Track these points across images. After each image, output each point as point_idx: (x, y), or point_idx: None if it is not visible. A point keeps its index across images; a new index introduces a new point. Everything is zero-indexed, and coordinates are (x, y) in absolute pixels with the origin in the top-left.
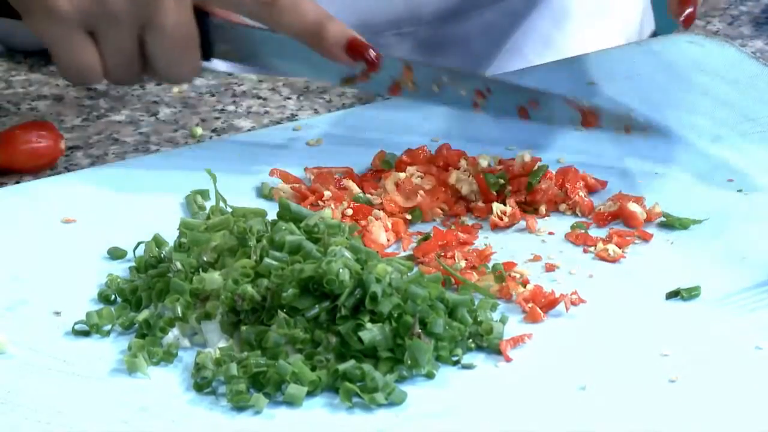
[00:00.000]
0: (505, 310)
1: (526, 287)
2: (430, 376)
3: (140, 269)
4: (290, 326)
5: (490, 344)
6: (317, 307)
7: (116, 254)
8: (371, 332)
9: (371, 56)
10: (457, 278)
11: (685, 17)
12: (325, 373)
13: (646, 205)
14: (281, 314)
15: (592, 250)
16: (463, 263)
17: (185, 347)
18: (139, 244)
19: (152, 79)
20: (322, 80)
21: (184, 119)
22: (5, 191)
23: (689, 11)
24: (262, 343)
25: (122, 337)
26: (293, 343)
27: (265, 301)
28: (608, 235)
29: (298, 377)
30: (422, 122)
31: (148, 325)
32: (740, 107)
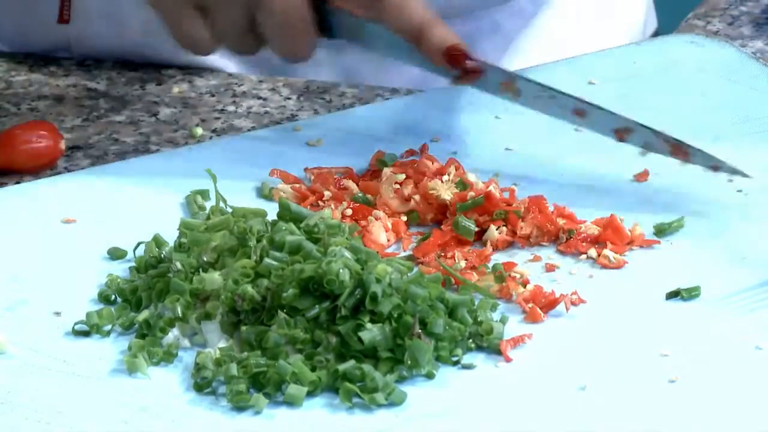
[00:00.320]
0: (505, 310)
1: (526, 287)
2: (430, 376)
3: (140, 269)
4: (290, 326)
5: (490, 344)
6: (317, 307)
7: (116, 254)
8: (371, 332)
9: (469, 66)
10: (457, 278)
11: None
12: (325, 373)
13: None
14: (281, 314)
15: (584, 258)
16: (463, 263)
17: (185, 347)
18: (139, 244)
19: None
20: (437, 75)
21: (184, 119)
22: (5, 191)
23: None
24: (262, 343)
25: (122, 337)
26: (293, 343)
27: (265, 301)
28: (600, 242)
29: (298, 377)
30: (422, 122)
31: (148, 325)
32: (740, 107)
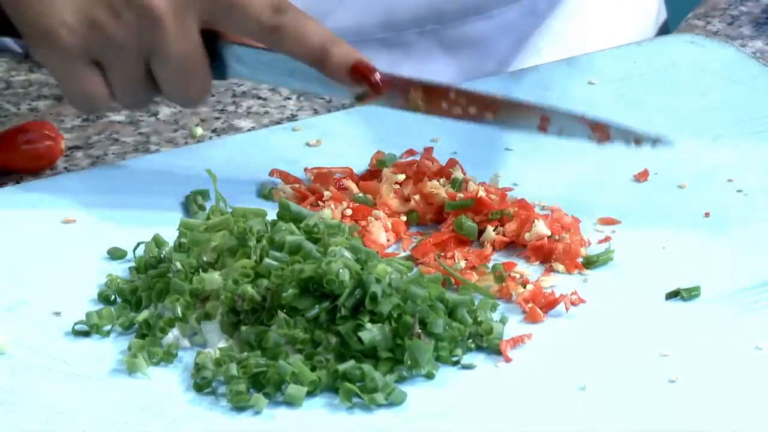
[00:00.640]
0: (505, 310)
1: (525, 287)
2: (430, 376)
3: (140, 269)
4: (290, 326)
5: (490, 344)
6: (317, 307)
7: (116, 254)
8: (371, 332)
9: (375, 79)
10: (457, 278)
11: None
12: (325, 373)
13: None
14: (281, 314)
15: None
16: (463, 263)
17: (185, 347)
18: (139, 244)
19: (165, 100)
20: (337, 98)
21: (184, 119)
22: (5, 191)
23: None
24: (262, 343)
25: (122, 337)
26: (293, 343)
27: (265, 301)
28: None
29: (298, 377)
30: (422, 122)
31: (148, 325)
32: (740, 107)
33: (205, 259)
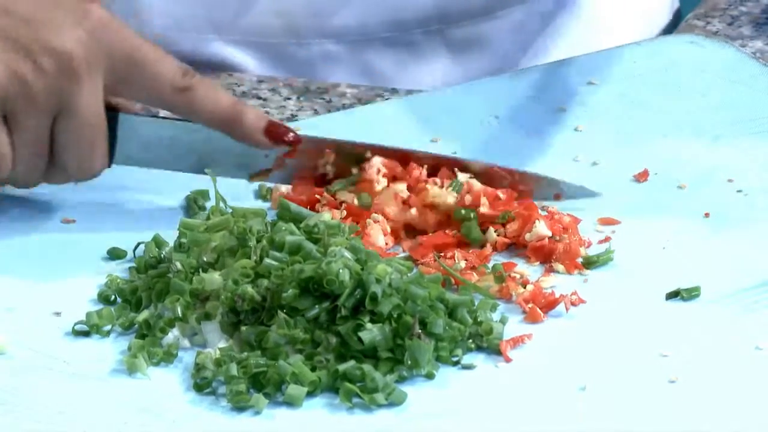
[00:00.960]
0: (505, 310)
1: (526, 287)
2: (430, 376)
3: (140, 269)
4: (290, 326)
5: (490, 344)
6: (317, 307)
7: (116, 254)
8: (371, 332)
9: (290, 138)
10: (457, 278)
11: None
12: (325, 373)
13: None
14: (281, 314)
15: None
16: (463, 263)
17: (185, 347)
18: (139, 244)
19: (53, 178)
20: (232, 176)
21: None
22: (5, 191)
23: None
24: (262, 343)
25: (122, 337)
26: (293, 343)
27: (265, 301)
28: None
29: (298, 377)
30: (422, 122)
31: (148, 325)
32: (740, 107)
33: (205, 259)
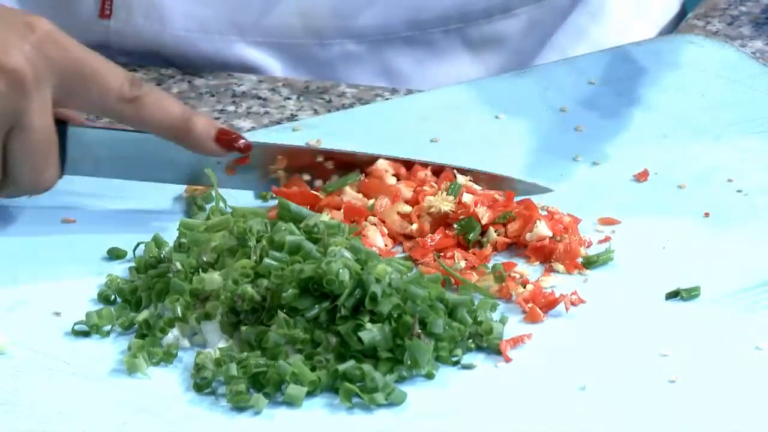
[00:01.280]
0: (505, 310)
1: (525, 287)
2: (429, 376)
3: (140, 269)
4: (290, 326)
5: (490, 344)
6: (317, 307)
7: (116, 254)
8: (371, 332)
9: (241, 145)
10: (456, 278)
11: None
12: (324, 373)
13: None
14: (281, 314)
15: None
16: (463, 263)
17: (185, 347)
18: (139, 244)
19: (5, 192)
20: (177, 183)
21: None
22: None
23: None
24: (262, 343)
25: (122, 337)
26: (293, 343)
27: (265, 301)
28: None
29: (297, 377)
30: (422, 122)
31: (147, 325)
32: (740, 107)
33: (205, 259)
